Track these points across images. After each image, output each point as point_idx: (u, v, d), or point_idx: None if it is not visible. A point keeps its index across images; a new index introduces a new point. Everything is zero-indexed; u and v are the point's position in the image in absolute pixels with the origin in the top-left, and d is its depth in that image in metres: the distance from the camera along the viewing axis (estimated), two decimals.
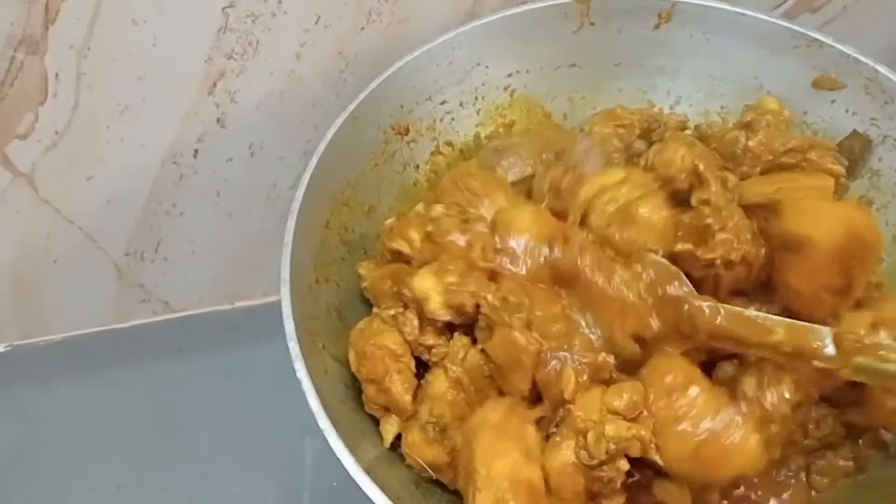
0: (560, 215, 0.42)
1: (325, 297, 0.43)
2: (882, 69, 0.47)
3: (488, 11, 0.52)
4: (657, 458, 0.35)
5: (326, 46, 0.53)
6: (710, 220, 0.39)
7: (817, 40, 0.48)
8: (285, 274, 0.38)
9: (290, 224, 0.40)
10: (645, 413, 0.35)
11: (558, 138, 0.49)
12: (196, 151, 0.56)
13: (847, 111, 0.49)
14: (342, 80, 0.55)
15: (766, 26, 0.50)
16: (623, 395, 0.35)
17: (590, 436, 0.35)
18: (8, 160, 0.52)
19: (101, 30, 0.47)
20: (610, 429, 0.34)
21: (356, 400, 0.41)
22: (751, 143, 0.46)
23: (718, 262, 0.39)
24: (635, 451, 0.35)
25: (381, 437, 0.40)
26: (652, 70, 0.53)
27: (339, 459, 0.34)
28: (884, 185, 0.48)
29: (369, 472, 0.33)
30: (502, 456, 0.34)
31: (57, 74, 0.49)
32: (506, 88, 0.53)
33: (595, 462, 0.35)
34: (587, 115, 0.51)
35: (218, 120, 0.55)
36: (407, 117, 0.50)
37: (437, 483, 0.39)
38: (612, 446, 0.35)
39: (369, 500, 0.33)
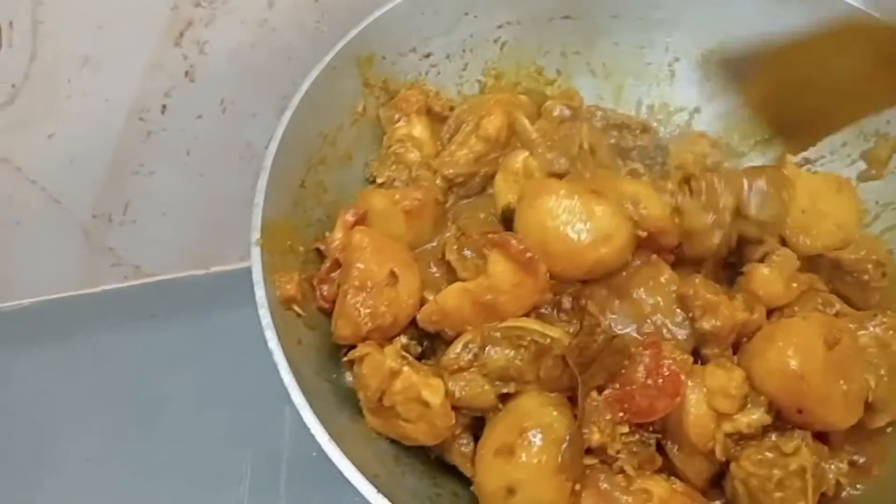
0: None
1: (301, 262, 0.40)
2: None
3: None
4: None
5: None
6: None
7: None
8: (256, 235, 0.36)
9: (262, 182, 0.37)
10: None
11: None
12: (164, 107, 0.53)
13: None
14: (318, 31, 0.52)
15: None
16: None
17: None
18: None
19: None
20: None
21: (333, 371, 0.39)
22: None
23: None
24: None
25: (359, 411, 0.38)
26: (650, 23, 0.50)
27: None
28: None
29: (344, 447, 0.31)
30: None
31: (11, 22, 0.46)
32: (496, 41, 0.50)
33: None
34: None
35: (186, 73, 0.52)
36: (389, 70, 0.47)
37: (418, 458, 0.37)
38: None
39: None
